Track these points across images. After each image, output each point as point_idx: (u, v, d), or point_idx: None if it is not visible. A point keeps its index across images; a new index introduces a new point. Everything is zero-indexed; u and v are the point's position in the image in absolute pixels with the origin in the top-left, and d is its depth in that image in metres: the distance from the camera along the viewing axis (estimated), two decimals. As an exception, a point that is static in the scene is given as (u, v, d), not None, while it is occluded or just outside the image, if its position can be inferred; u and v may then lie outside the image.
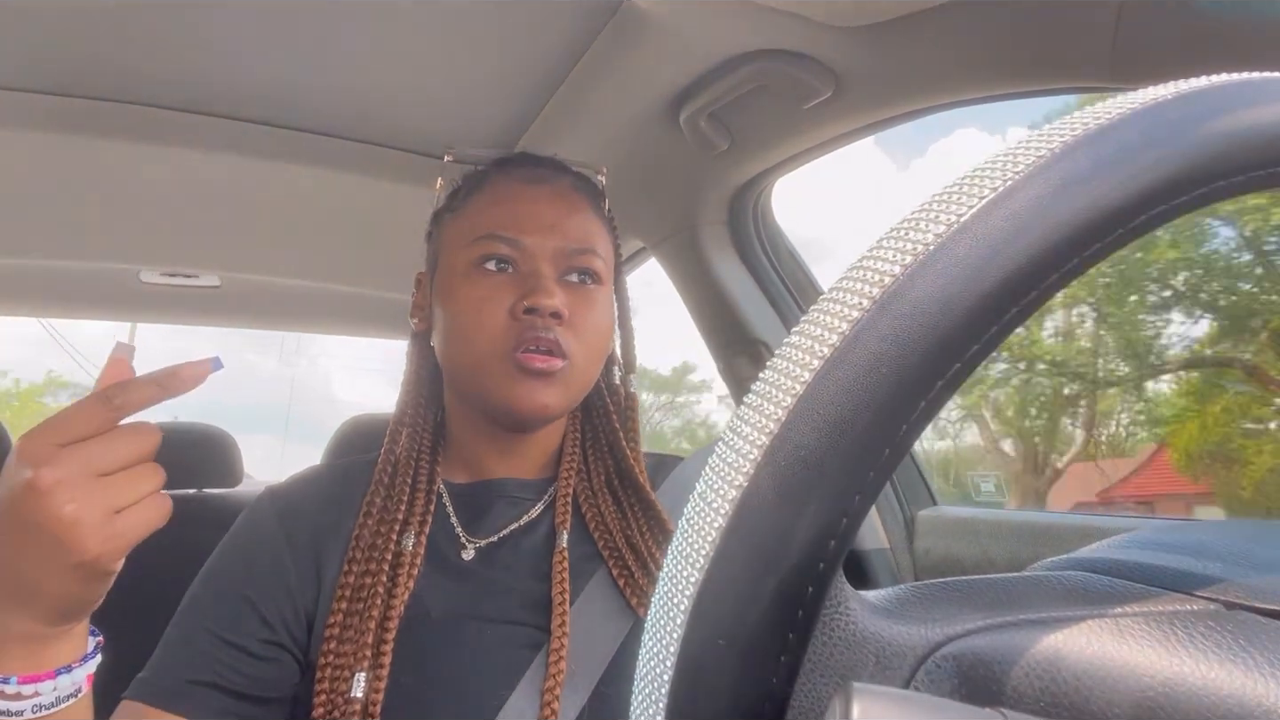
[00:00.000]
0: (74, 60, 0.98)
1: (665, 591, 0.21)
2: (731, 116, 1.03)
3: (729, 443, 0.21)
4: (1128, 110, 0.21)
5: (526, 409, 0.73)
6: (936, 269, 0.20)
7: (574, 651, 0.69)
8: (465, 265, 0.76)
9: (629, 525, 0.77)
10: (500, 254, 0.75)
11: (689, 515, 0.21)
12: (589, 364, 0.76)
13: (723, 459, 0.21)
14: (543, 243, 0.75)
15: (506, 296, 0.73)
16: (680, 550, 0.21)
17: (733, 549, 0.20)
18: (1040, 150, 0.21)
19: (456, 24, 0.93)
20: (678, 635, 0.20)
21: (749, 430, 0.21)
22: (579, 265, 0.77)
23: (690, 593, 0.20)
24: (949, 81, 0.87)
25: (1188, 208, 0.20)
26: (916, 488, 1.27)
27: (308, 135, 1.16)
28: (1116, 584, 0.24)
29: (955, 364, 0.20)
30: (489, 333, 0.73)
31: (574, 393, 0.76)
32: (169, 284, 1.69)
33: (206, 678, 0.67)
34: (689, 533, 0.21)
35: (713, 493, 0.21)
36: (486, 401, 0.75)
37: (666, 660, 0.20)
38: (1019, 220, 0.20)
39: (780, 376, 0.21)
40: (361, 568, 0.70)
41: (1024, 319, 0.20)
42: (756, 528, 0.20)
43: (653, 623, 0.22)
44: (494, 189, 0.80)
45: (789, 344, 0.21)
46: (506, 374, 0.72)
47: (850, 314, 0.20)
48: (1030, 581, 0.25)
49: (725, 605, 0.20)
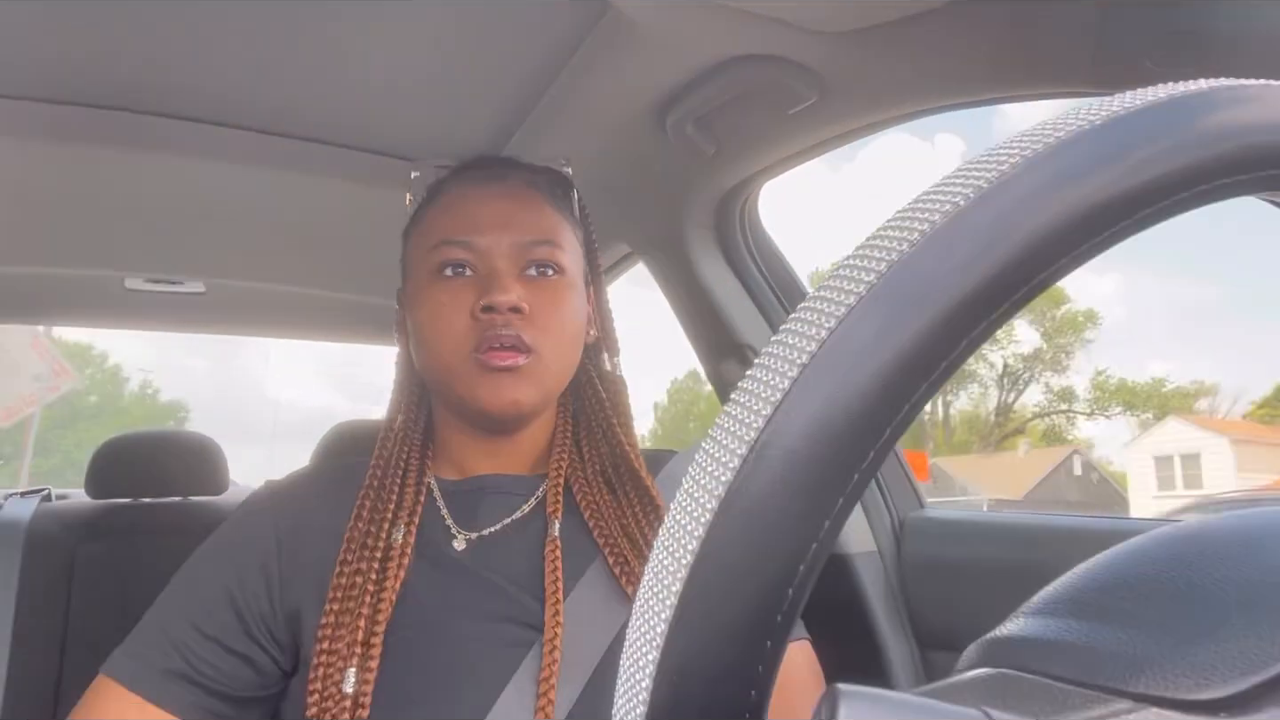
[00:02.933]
0: (52, 67, 0.98)
1: (647, 592, 0.21)
2: (717, 121, 1.03)
3: (709, 448, 0.21)
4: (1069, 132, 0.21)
5: (495, 406, 0.73)
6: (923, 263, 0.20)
7: (569, 642, 0.68)
8: (426, 275, 0.77)
9: (625, 515, 0.76)
10: (455, 258, 0.76)
11: (667, 526, 0.21)
12: (558, 356, 0.76)
13: (703, 465, 0.21)
14: (496, 240, 0.76)
15: (466, 299, 0.74)
16: (659, 565, 0.21)
17: (716, 546, 0.20)
18: (1039, 139, 0.21)
19: (442, 29, 0.93)
20: (658, 644, 0.20)
21: (728, 438, 0.21)
22: (537, 258, 0.77)
23: (676, 589, 0.20)
24: (933, 87, 0.87)
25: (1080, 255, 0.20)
26: (904, 491, 1.27)
27: (292, 141, 1.16)
28: (1039, 688, 0.23)
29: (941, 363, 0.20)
30: (451, 336, 0.73)
31: (548, 386, 0.76)
32: (153, 290, 1.68)
33: (179, 668, 0.67)
34: (668, 542, 0.21)
35: (698, 491, 0.21)
36: (460, 404, 0.76)
37: (646, 669, 0.20)
38: (1007, 218, 0.20)
39: (759, 385, 0.21)
40: (353, 567, 0.70)
41: (1019, 308, 0.20)
42: (742, 524, 0.20)
43: (633, 629, 0.21)
44: (446, 196, 0.81)
45: (779, 338, 0.21)
46: (471, 375, 0.73)
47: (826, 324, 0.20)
48: (954, 690, 0.24)
49: (711, 606, 0.20)
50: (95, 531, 1.40)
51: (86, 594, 1.34)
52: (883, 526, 1.24)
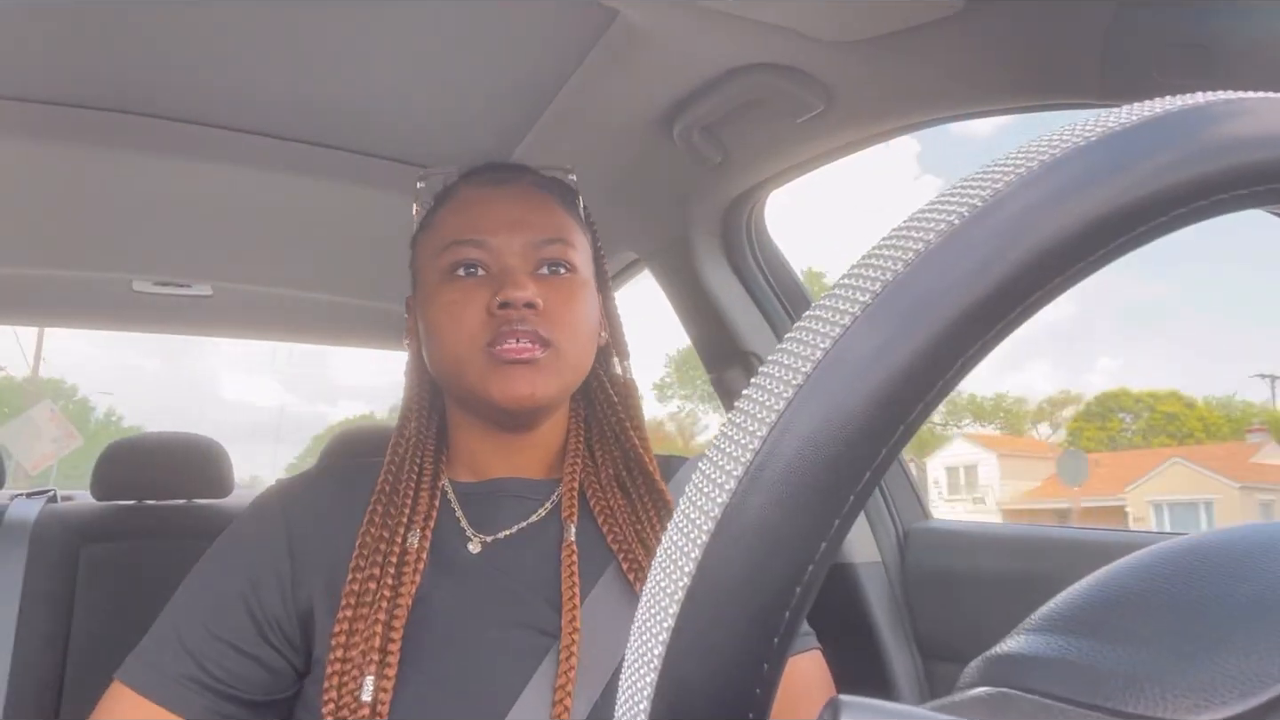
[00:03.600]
0: (61, 69, 0.98)
1: (651, 593, 0.21)
2: (725, 130, 1.03)
3: (706, 469, 0.21)
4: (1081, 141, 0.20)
5: (511, 399, 0.72)
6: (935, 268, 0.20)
7: (585, 647, 0.68)
8: (439, 276, 0.76)
9: (639, 519, 0.76)
10: (469, 258, 0.75)
11: (664, 548, 0.21)
12: (574, 351, 0.76)
13: (705, 475, 0.21)
14: (509, 240, 0.76)
15: (480, 297, 0.74)
16: (661, 572, 0.21)
17: (717, 557, 0.20)
18: (1056, 146, 0.21)
19: (450, 37, 0.94)
20: (655, 666, 0.20)
21: (724, 459, 0.20)
22: (550, 257, 0.77)
23: (679, 594, 0.20)
24: (940, 97, 0.87)
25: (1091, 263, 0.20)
26: (909, 501, 1.27)
27: (300, 145, 1.16)
28: (1040, 708, 0.23)
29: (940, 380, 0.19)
30: (465, 332, 0.73)
31: (564, 379, 0.76)
32: (160, 293, 1.68)
33: (193, 673, 0.67)
34: (665, 563, 0.21)
35: (698, 504, 0.21)
36: (475, 400, 0.75)
37: (644, 690, 0.20)
38: (1025, 219, 0.20)
39: (764, 394, 0.21)
40: (365, 573, 0.70)
41: (1026, 318, 0.20)
42: (742, 535, 0.20)
43: (631, 650, 0.21)
44: (457, 199, 0.81)
45: (774, 358, 0.21)
46: (486, 369, 0.72)
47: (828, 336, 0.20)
48: (956, 708, 0.24)
49: (716, 606, 0.20)
50: (99, 533, 1.41)
51: (90, 595, 1.34)
52: (887, 537, 1.24)
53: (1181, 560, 0.26)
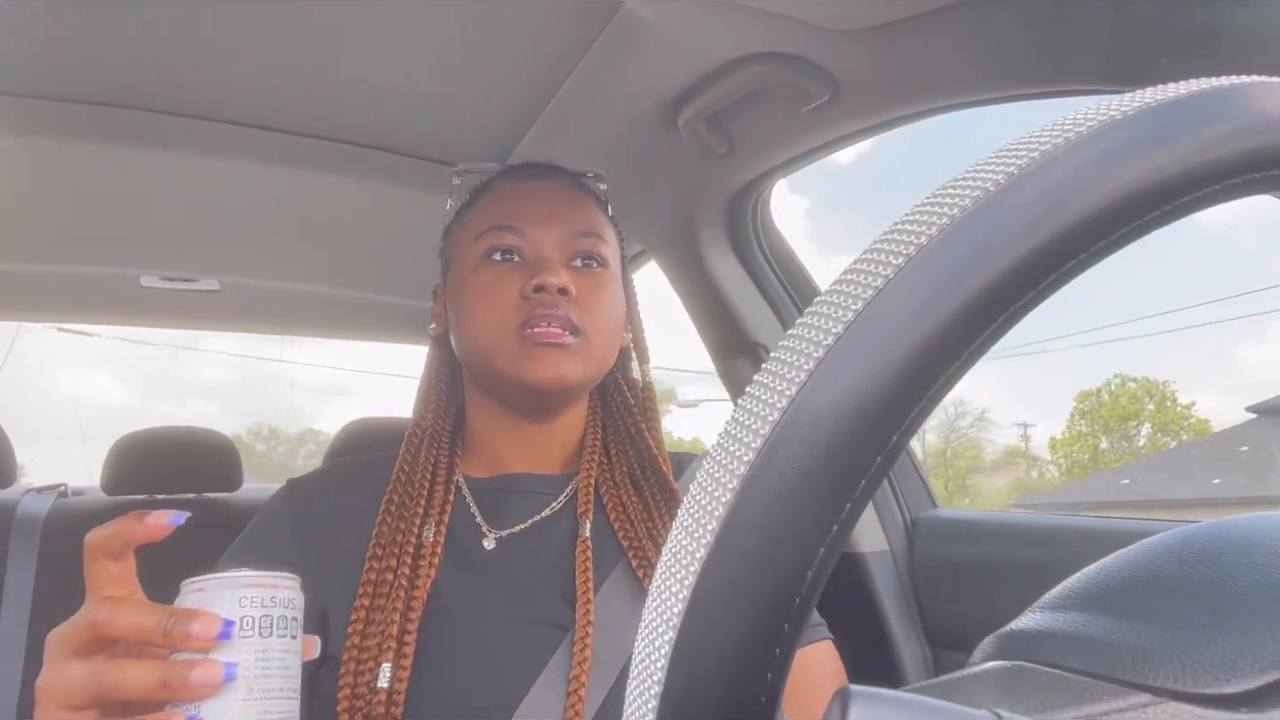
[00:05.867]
0: (73, 66, 0.98)
1: (659, 590, 0.21)
2: (730, 120, 1.03)
3: (721, 447, 0.21)
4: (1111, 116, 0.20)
5: (542, 379, 0.73)
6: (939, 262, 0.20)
7: (598, 641, 0.69)
8: (474, 260, 0.78)
9: (651, 517, 0.77)
10: (506, 244, 0.77)
11: (683, 514, 0.21)
12: (604, 340, 0.77)
13: (715, 466, 0.21)
14: (547, 231, 0.78)
15: (515, 281, 0.75)
16: (667, 571, 0.21)
17: (723, 553, 0.20)
18: (1081, 125, 0.21)
19: (455, 28, 0.94)
20: (670, 638, 0.20)
21: (743, 432, 0.20)
22: (584, 249, 0.79)
23: (688, 588, 0.20)
24: (946, 85, 0.87)
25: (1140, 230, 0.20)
26: (916, 490, 1.27)
27: (306, 139, 1.16)
28: (1056, 680, 0.23)
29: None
30: (499, 312, 0.74)
31: (592, 368, 0.77)
32: (169, 288, 1.69)
33: None
34: (681, 541, 0.21)
35: (709, 493, 0.21)
36: (503, 381, 0.76)
37: (659, 662, 0.20)
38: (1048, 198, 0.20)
39: (775, 379, 0.21)
40: (382, 563, 0.71)
41: (1030, 309, 0.20)
42: (749, 528, 0.20)
43: (645, 627, 0.21)
44: (496, 190, 0.83)
45: (783, 345, 0.21)
46: (518, 349, 0.73)
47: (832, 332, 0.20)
48: (968, 683, 0.24)
49: (718, 608, 0.20)
50: None
51: None
52: (895, 525, 1.24)
53: (1205, 543, 0.26)
